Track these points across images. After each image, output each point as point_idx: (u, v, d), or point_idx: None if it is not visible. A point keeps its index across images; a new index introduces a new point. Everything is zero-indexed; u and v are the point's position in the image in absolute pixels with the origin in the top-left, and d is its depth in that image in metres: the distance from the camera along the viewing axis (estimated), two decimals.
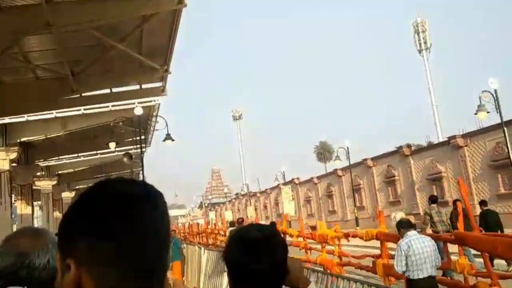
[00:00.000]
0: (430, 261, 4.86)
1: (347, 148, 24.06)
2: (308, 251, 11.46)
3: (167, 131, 16.90)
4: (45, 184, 25.40)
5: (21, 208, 20.25)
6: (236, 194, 73.78)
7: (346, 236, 8.50)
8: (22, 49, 10.43)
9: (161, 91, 16.30)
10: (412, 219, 22.61)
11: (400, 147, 24.11)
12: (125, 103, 17.39)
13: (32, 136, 18.22)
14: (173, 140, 16.68)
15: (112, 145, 16.23)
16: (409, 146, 24.13)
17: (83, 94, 14.65)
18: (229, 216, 46.47)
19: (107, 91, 15.33)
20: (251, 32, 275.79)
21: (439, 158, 23.31)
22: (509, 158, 15.01)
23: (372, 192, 28.46)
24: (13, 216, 26.38)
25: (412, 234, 5.04)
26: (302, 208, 38.45)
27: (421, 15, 66.03)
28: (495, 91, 14.71)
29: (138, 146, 19.26)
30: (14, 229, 15.44)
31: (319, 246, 11.48)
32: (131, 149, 21.42)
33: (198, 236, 23.05)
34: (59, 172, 26.96)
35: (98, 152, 25.12)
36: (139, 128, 17.59)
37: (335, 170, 32.04)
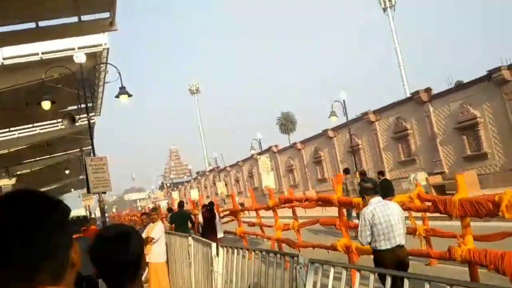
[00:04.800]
0: (397, 229, 4.58)
1: (344, 102, 20.43)
2: None
3: (121, 84, 12.60)
4: None
5: None
6: (198, 172, 70.24)
7: None
8: None
9: (108, 25, 12.21)
10: (438, 179, 19.87)
11: (416, 92, 20.24)
12: (60, 48, 13.22)
13: None
14: (130, 95, 12.48)
15: (46, 104, 12.04)
16: (428, 90, 20.42)
17: None
18: (195, 195, 43.08)
19: (31, 25, 11.17)
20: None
21: (473, 100, 18.93)
22: None
23: (375, 152, 25.02)
24: None
25: (376, 201, 4.72)
26: (283, 179, 35.41)
27: None
28: None
29: (85, 115, 15.36)
30: None
31: None
32: (76, 121, 16.83)
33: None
34: None
35: (36, 125, 20.79)
36: (83, 85, 13.28)
37: (325, 131, 28.70)
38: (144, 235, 6.97)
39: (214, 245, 4.74)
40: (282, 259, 3.92)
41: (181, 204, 12.20)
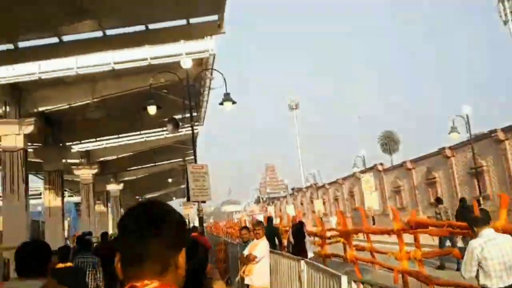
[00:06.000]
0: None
1: (467, 116, 18.03)
2: None
3: (226, 90, 12.10)
4: (84, 173, 22.16)
5: (49, 199, 16.73)
6: (293, 188, 69.45)
7: None
8: None
9: (217, 28, 11.85)
10: None
11: None
12: (168, 54, 13.15)
13: (53, 104, 14.47)
14: (234, 102, 11.94)
15: (152, 109, 11.94)
16: None
17: (107, 31, 10.66)
18: (291, 211, 42.08)
19: (141, 28, 11.16)
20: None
21: None
22: None
23: (503, 176, 21.77)
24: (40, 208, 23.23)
25: (488, 233, 4.13)
26: (388, 201, 33.00)
27: None
28: None
29: (188, 124, 15.32)
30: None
31: None
32: (179, 126, 16.71)
33: None
34: (101, 159, 23.61)
35: (142, 133, 21.41)
36: (189, 92, 13.03)
37: (441, 149, 26.05)
38: (245, 252, 6.26)
39: (344, 279, 3.58)
40: None
41: (270, 219, 12.24)
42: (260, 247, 6.10)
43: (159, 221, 1.07)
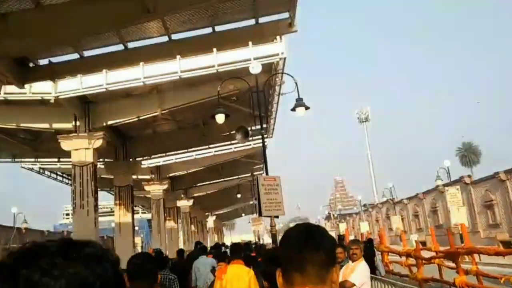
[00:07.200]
0: None
1: None
2: None
3: (298, 95, 11.11)
4: (155, 189, 22.16)
5: (119, 215, 16.60)
6: (365, 204, 66.73)
7: None
8: None
9: (287, 27, 10.98)
10: None
11: None
12: (236, 60, 12.41)
13: (121, 117, 14.28)
14: (307, 108, 10.94)
15: (220, 118, 11.25)
16: None
17: (173, 36, 10.17)
18: (365, 227, 39.90)
19: (208, 31, 10.58)
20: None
21: None
22: None
23: None
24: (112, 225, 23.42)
25: None
26: (478, 216, 30.17)
27: None
28: None
29: (257, 137, 14.69)
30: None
31: None
32: (249, 135, 15.93)
33: None
34: (170, 175, 23.57)
35: (211, 147, 21.01)
36: (258, 100, 12.20)
37: None
38: (340, 278, 5.07)
39: None
40: None
41: (370, 239, 11.98)
42: (358, 271, 4.86)
43: (318, 239, 1.32)
